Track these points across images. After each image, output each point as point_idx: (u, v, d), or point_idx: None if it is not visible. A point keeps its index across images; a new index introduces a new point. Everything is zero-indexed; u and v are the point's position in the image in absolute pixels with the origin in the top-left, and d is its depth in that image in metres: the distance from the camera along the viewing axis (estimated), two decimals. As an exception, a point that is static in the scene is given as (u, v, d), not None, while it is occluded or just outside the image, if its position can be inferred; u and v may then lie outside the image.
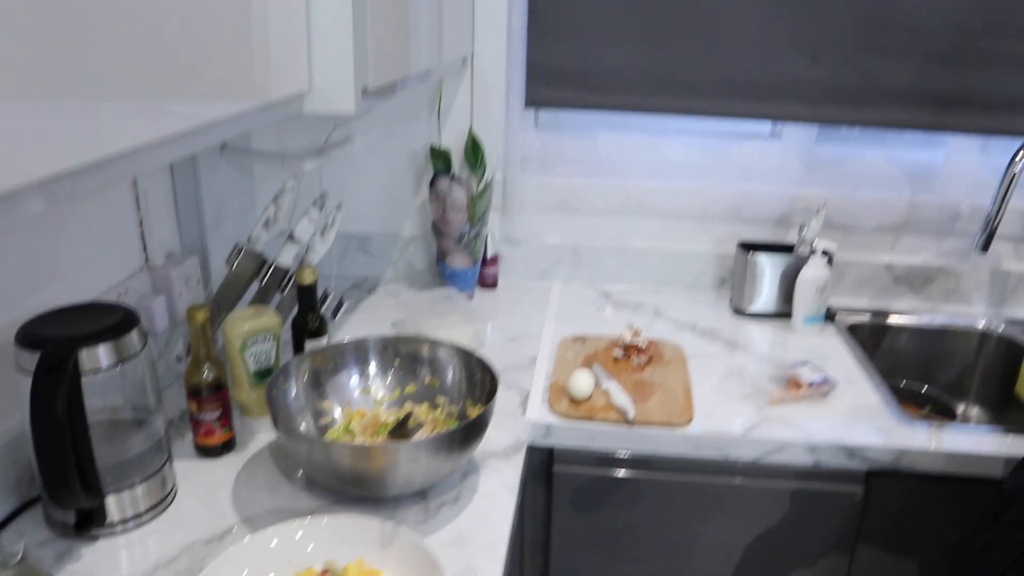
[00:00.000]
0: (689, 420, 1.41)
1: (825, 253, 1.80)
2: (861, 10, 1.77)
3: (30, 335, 1.02)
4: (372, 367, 1.35)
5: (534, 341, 1.71)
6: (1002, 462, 1.38)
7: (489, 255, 1.96)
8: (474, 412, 1.27)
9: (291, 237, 1.48)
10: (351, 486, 1.13)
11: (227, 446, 1.29)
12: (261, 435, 1.34)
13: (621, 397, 1.44)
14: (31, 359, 0.99)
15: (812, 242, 1.81)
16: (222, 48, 0.82)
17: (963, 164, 1.94)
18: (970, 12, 1.76)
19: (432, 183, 1.84)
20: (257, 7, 0.90)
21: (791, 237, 1.96)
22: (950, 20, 1.77)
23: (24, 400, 1.02)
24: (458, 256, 1.87)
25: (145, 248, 1.45)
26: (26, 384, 0.99)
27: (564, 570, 1.52)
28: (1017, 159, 1.64)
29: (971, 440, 1.41)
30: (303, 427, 1.26)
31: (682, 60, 1.86)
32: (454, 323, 1.63)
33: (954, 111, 1.84)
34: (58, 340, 1.01)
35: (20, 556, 0.85)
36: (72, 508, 1.04)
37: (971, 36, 1.78)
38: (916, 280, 1.99)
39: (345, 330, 1.71)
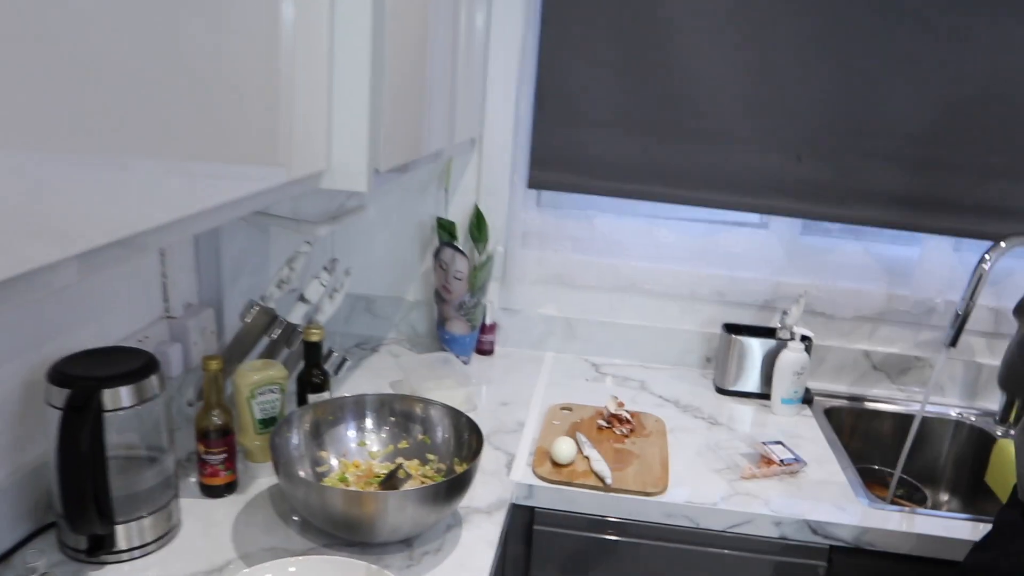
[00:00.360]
0: (663, 489, 1.50)
1: (804, 338, 1.91)
2: (844, 115, 1.91)
3: (61, 374, 1.13)
4: (369, 422, 1.45)
5: (523, 407, 1.81)
6: (966, 546, 1.46)
7: (487, 323, 2.07)
8: (460, 469, 1.36)
9: (302, 297, 1.59)
10: (343, 530, 1.22)
11: (230, 487, 1.38)
12: (262, 479, 1.44)
13: (600, 464, 1.53)
14: (60, 396, 1.10)
15: (792, 327, 1.92)
16: (252, 131, 0.95)
17: (938, 261, 2.06)
18: (946, 123, 1.89)
19: (437, 252, 1.96)
20: (284, 95, 1.02)
21: (774, 321, 2.07)
22: (926, 129, 1.91)
23: (48, 432, 1.13)
24: (457, 322, 1.98)
25: (166, 299, 1.56)
26: (53, 417, 1.10)
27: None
28: (984, 261, 1.76)
29: (936, 524, 1.49)
30: (301, 473, 1.35)
31: (676, 153, 1.99)
32: (449, 385, 1.73)
33: (928, 213, 1.97)
34: (86, 380, 1.12)
35: (42, 571, 0.94)
36: (86, 533, 1.14)
37: (945, 145, 1.91)
38: (892, 368, 2.09)
39: (346, 386, 1.82)
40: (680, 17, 1.90)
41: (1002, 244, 1.67)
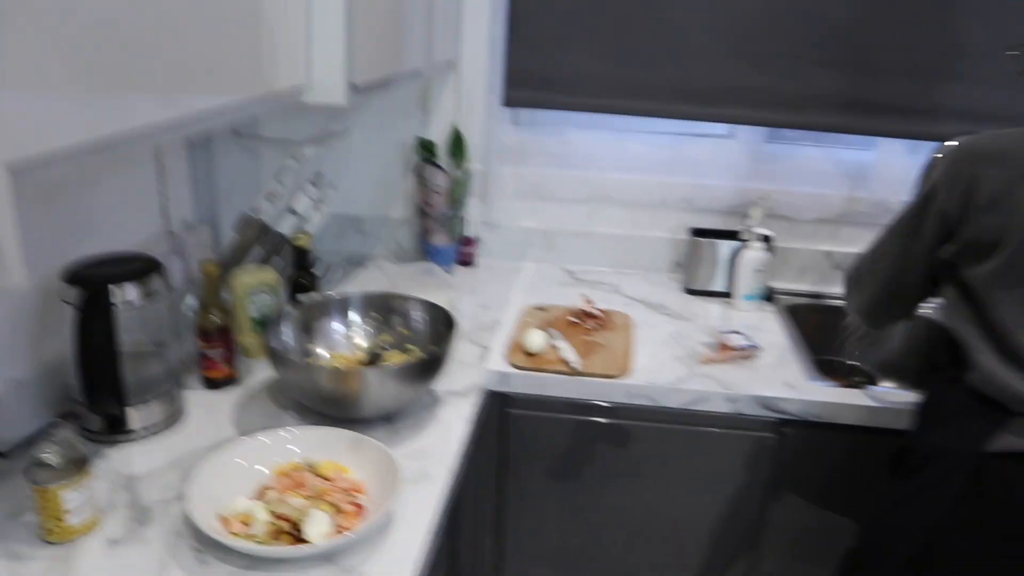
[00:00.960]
0: (625, 372, 1.65)
1: (765, 238, 2.03)
2: (800, 26, 2.01)
3: (74, 274, 1.27)
4: (354, 317, 1.60)
5: (501, 309, 1.96)
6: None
7: (468, 236, 2.20)
8: (438, 356, 1.51)
9: (290, 210, 1.72)
10: (331, 407, 1.37)
11: (229, 380, 1.53)
12: (259, 374, 1.59)
13: (569, 352, 1.68)
14: (75, 293, 1.24)
15: (753, 228, 2.04)
16: (235, 48, 1.07)
17: (893, 164, 2.17)
18: (893, 30, 1.99)
19: (418, 169, 2.08)
20: (266, 15, 1.14)
21: (740, 226, 2.19)
22: (878, 37, 2.00)
23: (65, 328, 1.27)
24: (439, 235, 2.12)
25: (166, 216, 1.70)
26: (69, 314, 1.24)
27: (517, 495, 1.76)
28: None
29: (881, 398, 1.63)
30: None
31: (644, 68, 2.10)
32: (431, 292, 1.86)
33: (881, 117, 2.07)
34: (96, 277, 1.26)
35: (64, 436, 1.09)
36: (102, 413, 1.29)
37: (896, 51, 2.01)
38: (852, 268, 2.21)
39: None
40: (640, -65, 1.99)
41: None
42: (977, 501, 1.25)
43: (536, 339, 1.69)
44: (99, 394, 1.25)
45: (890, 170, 2.18)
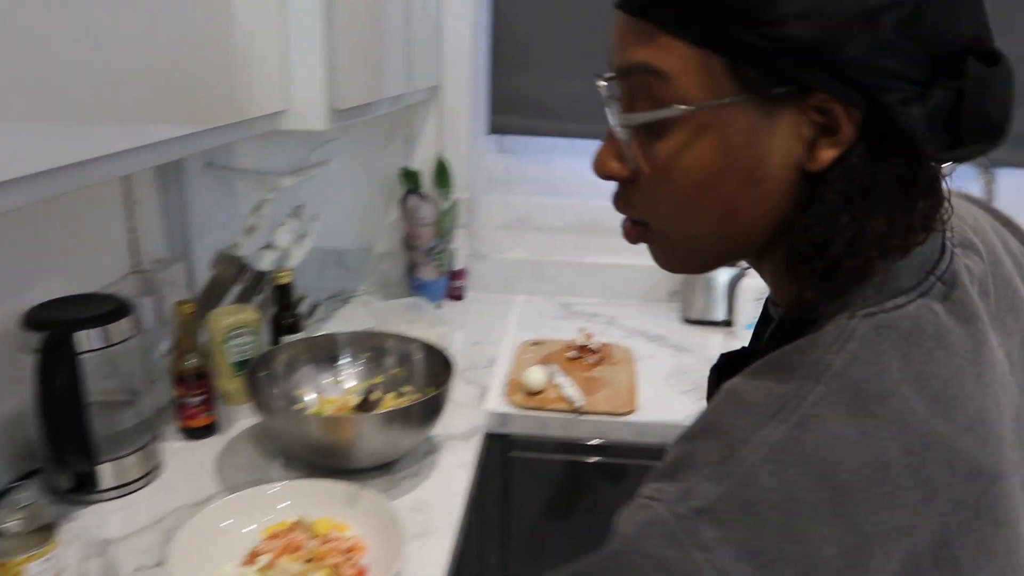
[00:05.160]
0: (631, 410, 1.55)
1: (764, 265, 1.96)
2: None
3: (34, 319, 1.15)
4: (343, 359, 1.49)
5: (495, 345, 1.86)
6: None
7: (456, 268, 2.10)
8: (434, 397, 1.40)
9: (270, 244, 1.62)
10: (322, 458, 1.26)
11: (210, 429, 1.41)
12: (241, 421, 1.47)
13: (571, 390, 1.58)
14: (34, 339, 1.12)
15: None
16: (210, 74, 0.98)
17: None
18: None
19: (403, 201, 1.99)
20: (240, 41, 1.05)
21: (735, 252, 2.12)
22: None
23: (24, 380, 1.15)
24: (426, 268, 2.02)
25: (136, 253, 1.58)
26: (28, 363, 1.12)
27: (521, 540, 1.65)
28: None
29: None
30: (279, 410, 1.39)
31: (633, 89, 2.02)
32: (421, 328, 1.76)
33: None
34: (59, 322, 1.15)
35: (28, 500, 0.97)
36: (70, 471, 1.16)
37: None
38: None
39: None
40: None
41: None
42: None
43: (536, 376, 1.59)
44: (65, 450, 1.13)
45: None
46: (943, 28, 0.53)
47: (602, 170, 0.65)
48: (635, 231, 0.68)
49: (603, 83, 0.63)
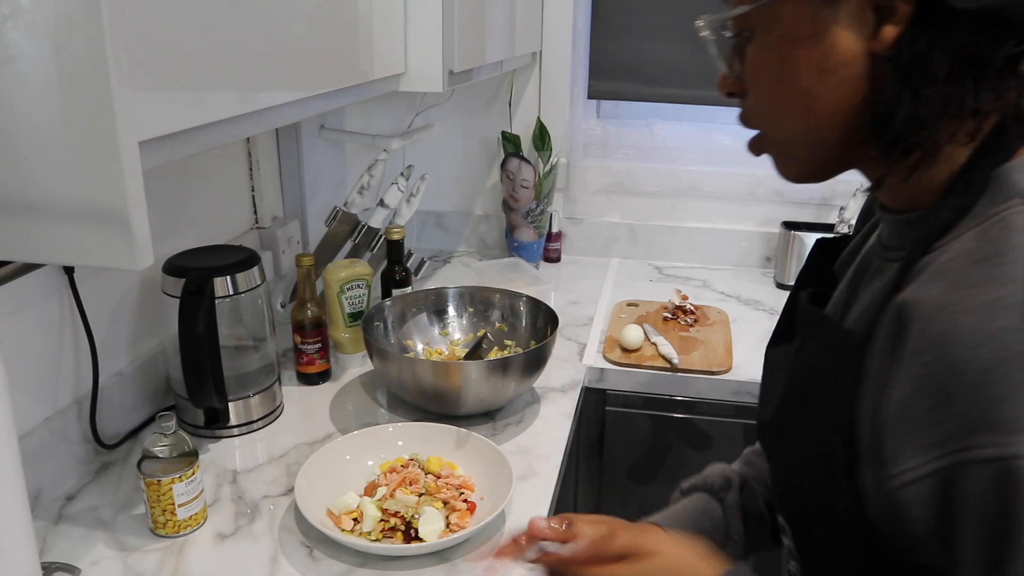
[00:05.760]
0: (728, 369, 1.59)
1: (863, 232, 1.95)
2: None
3: (176, 266, 1.26)
4: (450, 312, 1.56)
5: (592, 305, 1.91)
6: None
7: (553, 231, 2.15)
8: (536, 350, 1.47)
9: (381, 203, 1.70)
10: (431, 402, 1.33)
11: (324, 375, 1.51)
12: (352, 370, 1.56)
13: (668, 348, 1.62)
14: (177, 284, 1.22)
15: (850, 221, 1.96)
16: (336, 41, 1.05)
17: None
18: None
19: (503, 163, 2.05)
20: (363, 11, 1.12)
21: (833, 218, 2.11)
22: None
23: (165, 321, 1.26)
24: (525, 230, 2.08)
25: (255, 211, 1.68)
26: (171, 306, 1.22)
27: (617, 495, 1.71)
28: None
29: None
30: (390, 358, 1.47)
31: (733, 55, 2.03)
32: (520, 287, 1.82)
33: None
34: (199, 269, 1.25)
35: (174, 429, 1.07)
36: (205, 406, 1.27)
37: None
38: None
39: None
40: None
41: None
42: None
43: (633, 335, 1.63)
44: (202, 387, 1.22)
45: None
46: None
47: (720, 87, 0.75)
48: (753, 142, 0.75)
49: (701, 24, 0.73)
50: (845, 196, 2.10)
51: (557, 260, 2.19)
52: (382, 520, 1.08)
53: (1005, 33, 0.59)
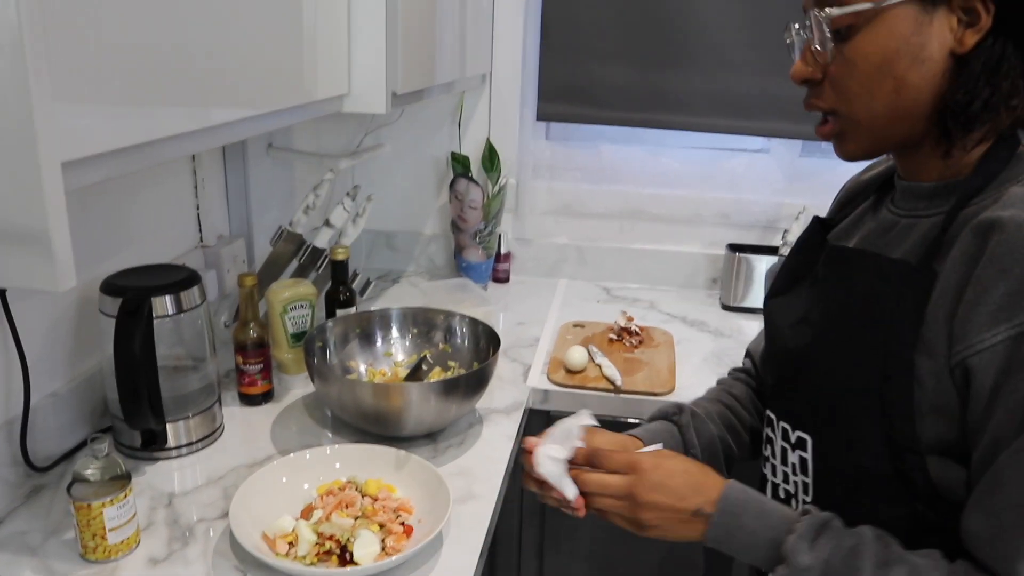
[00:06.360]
0: (671, 390, 1.60)
1: (805, 255, 1.99)
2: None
3: (114, 285, 1.24)
4: (393, 333, 1.56)
5: (539, 325, 1.92)
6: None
7: (502, 252, 2.17)
8: (480, 372, 1.47)
9: (327, 223, 1.70)
10: (372, 424, 1.33)
11: (267, 396, 1.50)
12: (296, 390, 1.55)
13: (611, 369, 1.64)
14: (114, 304, 1.21)
15: (791, 242, 2.00)
16: (280, 61, 1.05)
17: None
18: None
19: (452, 184, 2.05)
20: (307, 32, 1.12)
21: (777, 241, 2.15)
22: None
23: (102, 341, 1.24)
24: (473, 251, 2.08)
25: (200, 229, 1.67)
26: (107, 326, 1.21)
27: (558, 515, 1.71)
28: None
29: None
30: (332, 380, 1.47)
31: (678, 81, 2.07)
32: (467, 307, 1.83)
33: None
34: (136, 289, 1.23)
35: (106, 452, 1.06)
36: (141, 428, 1.25)
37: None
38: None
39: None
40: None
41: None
42: None
43: (577, 356, 1.65)
44: (138, 408, 1.21)
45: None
46: None
47: (799, 75, 0.90)
48: (827, 126, 0.91)
49: (797, 27, 0.91)
50: (788, 219, 2.14)
51: (506, 280, 2.20)
52: (317, 543, 1.07)
53: None
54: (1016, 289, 0.74)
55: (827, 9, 0.84)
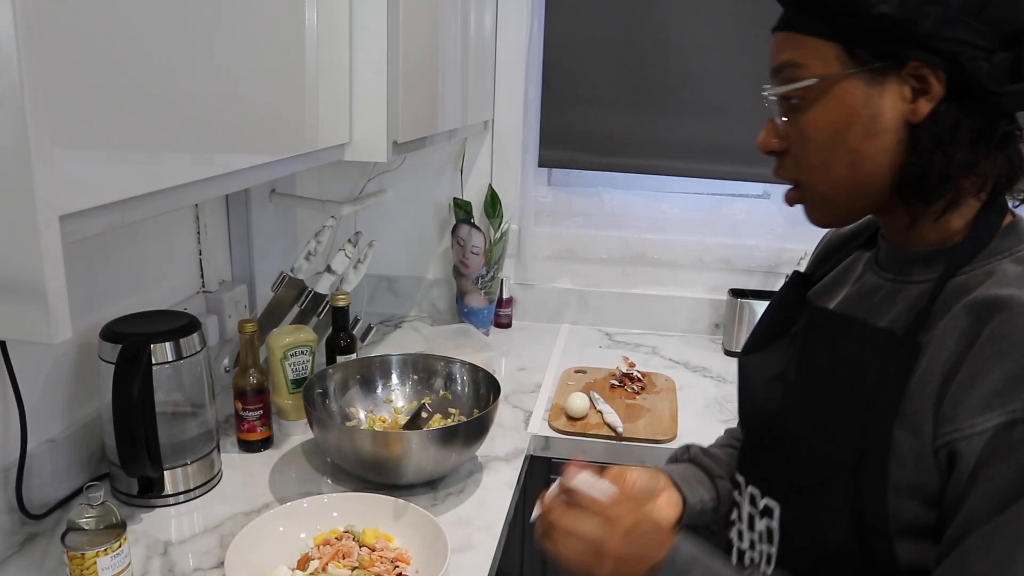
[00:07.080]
0: (674, 437, 1.59)
1: (807, 301, 1.99)
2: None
3: (113, 331, 1.24)
4: (393, 380, 1.56)
5: (540, 371, 1.91)
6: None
7: (504, 297, 2.17)
8: (480, 419, 1.46)
9: (328, 269, 1.70)
10: (371, 472, 1.32)
11: (266, 442, 1.49)
12: (295, 436, 1.54)
13: (612, 416, 1.63)
14: (113, 351, 1.21)
15: (794, 290, 2.00)
16: (282, 110, 1.06)
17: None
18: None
19: (454, 229, 2.06)
20: (309, 81, 1.13)
21: (778, 285, 2.15)
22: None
23: (101, 387, 1.24)
24: (475, 296, 2.08)
25: (202, 274, 1.68)
26: (107, 372, 1.21)
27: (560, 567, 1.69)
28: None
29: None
30: (332, 426, 1.46)
31: (679, 128, 2.09)
32: (469, 353, 1.82)
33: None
34: (136, 335, 1.23)
35: (102, 500, 1.05)
36: (139, 475, 1.24)
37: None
38: (896, 330, 2.16)
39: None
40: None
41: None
42: None
43: (578, 402, 1.64)
44: (135, 455, 1.20)
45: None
46: (1005, 13, 0.74)
47: (765, 146, 0.88)
48: (791, 194, 0.89)
49: (766, 90, 0.86)
50: (790, 264, 2.14)
51: (508, 326, 2.20)
52: (313, 594, 1.06)
53: (1000, 114, 0.78)
54: (1013, 374, 0.71)
55: (779, 86, 0.84)
